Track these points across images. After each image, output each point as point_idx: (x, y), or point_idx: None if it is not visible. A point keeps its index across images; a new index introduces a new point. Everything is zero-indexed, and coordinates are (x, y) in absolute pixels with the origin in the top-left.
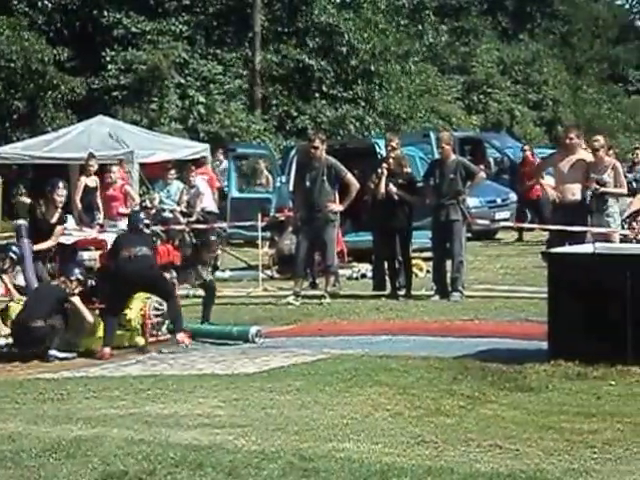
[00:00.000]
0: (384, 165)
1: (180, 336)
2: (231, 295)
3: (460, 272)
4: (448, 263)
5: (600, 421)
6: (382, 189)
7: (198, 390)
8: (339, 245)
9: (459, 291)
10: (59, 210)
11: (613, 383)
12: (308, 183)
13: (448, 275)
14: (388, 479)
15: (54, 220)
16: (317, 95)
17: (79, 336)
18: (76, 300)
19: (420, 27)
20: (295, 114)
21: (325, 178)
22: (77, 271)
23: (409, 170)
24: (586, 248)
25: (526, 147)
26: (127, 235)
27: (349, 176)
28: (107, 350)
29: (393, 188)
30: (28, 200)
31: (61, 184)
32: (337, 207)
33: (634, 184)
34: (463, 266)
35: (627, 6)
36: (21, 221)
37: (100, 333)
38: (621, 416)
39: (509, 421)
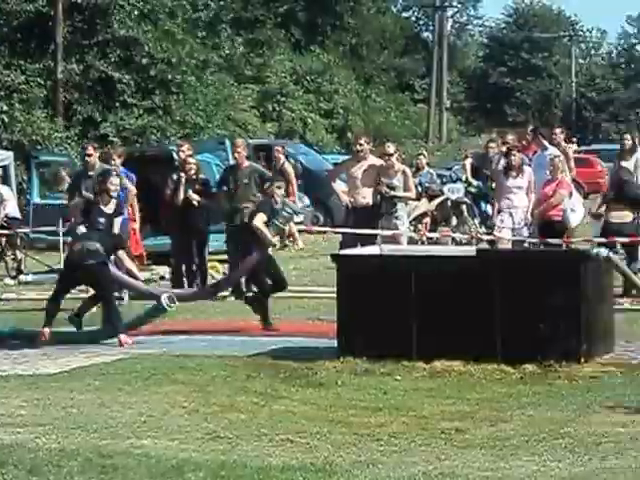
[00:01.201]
0: (181, 173)
1: (122, 337)
2: (34, 298)
3: None
4: None
5: (386, 415)
6: (181, 195)
7: (1, 391)
8: (139, 249)
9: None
10: (114, 200)
11: (399, 378)
12: (84, 191)
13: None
14: (184, 474)
15: (111, 210)
16: (119, 104)
17: None
18: None
19: (217, 39)
20: (98, 121)
21: None
22: None
23: (203, 176)
24: (373, 250)
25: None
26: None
27: (126, 180)
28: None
29: (192, 194)
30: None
31: (114, 173)
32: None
33: (419, 188)
34: None
35: (413, 19)
36: None
37: None
38: (406, 410)
39: (300, 416)
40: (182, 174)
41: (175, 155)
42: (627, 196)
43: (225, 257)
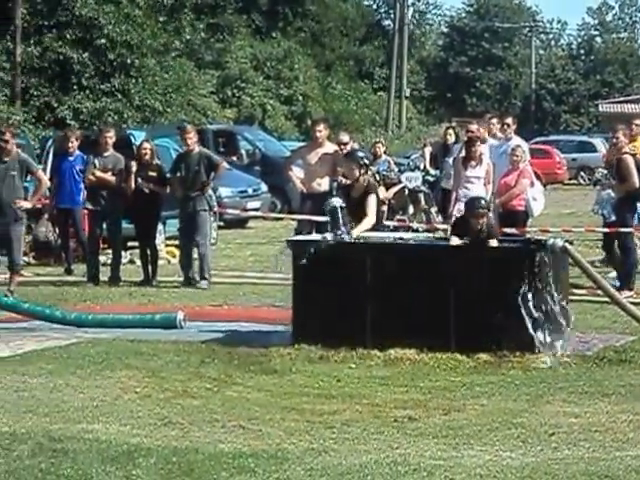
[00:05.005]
0: (133, 162)
1: None
2: None
3: (205, 260)
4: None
5: (340, 402)
6: (131, 183)
7: None
8: None
9: (206, 279)
10: None
11: (353, 366)
12: None
13: (196, 263)
14: (135, 460)
15: None
16: (76, 87)
17: None
18: None
19: (178, 23)
20: (55, 105)
21: (15, 173)
22: None
23: (159, 161)
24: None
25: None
26: None
27: (40, 172)
28: None
29: (143, 183)
30: None
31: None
32: (25, 204)
33: (376, 176)
34: (208, 255)
35: (374, 6)
36: None
37: None
38: (360, 397)
39: (253, 403)
40: (133, 162)
41: (133, 139)
42: None
43: None
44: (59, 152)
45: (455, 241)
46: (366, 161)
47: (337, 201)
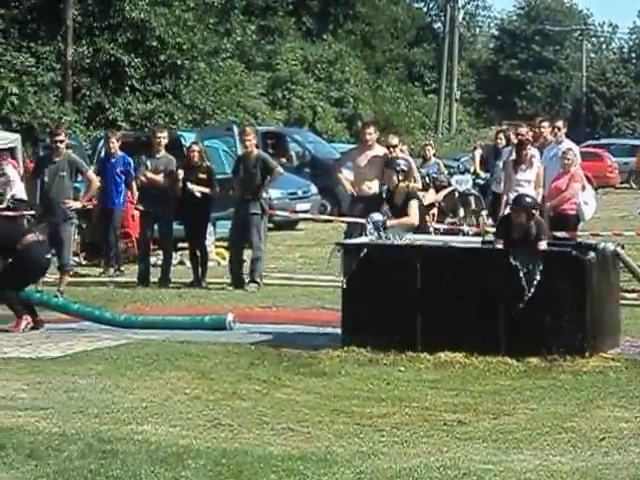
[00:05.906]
0: (180, 170)
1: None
2: None
3: (257, 264)
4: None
5: (389, 405)
6: (178, 188)
7: (2, 373)
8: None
9: (256, 282)
10: None
11: (403, 369)
12: (47, 178)
13: (246, 265)
14: (184, 461)
15: None
16: (127, 88)
17: None
18: None
19: (228, 25)
20: (107, 106)
21: (65, 174)
22: None
23: (208, 163)
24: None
25: None
26: None
27: (90, 173)
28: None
29: (193, 186)
30: None
31: None
32: (74, 204)
33: (426, 179)
34: (261, 259)
35: (425, 9)
36: None
37: None
38: (409, 401)
39: (302, 405)
40: (180, 171)
41: (183, 140)
42: None
43: None
44: (107, 153)
45: (499, 245)
46: (404, 167)
47: (377, 215)
